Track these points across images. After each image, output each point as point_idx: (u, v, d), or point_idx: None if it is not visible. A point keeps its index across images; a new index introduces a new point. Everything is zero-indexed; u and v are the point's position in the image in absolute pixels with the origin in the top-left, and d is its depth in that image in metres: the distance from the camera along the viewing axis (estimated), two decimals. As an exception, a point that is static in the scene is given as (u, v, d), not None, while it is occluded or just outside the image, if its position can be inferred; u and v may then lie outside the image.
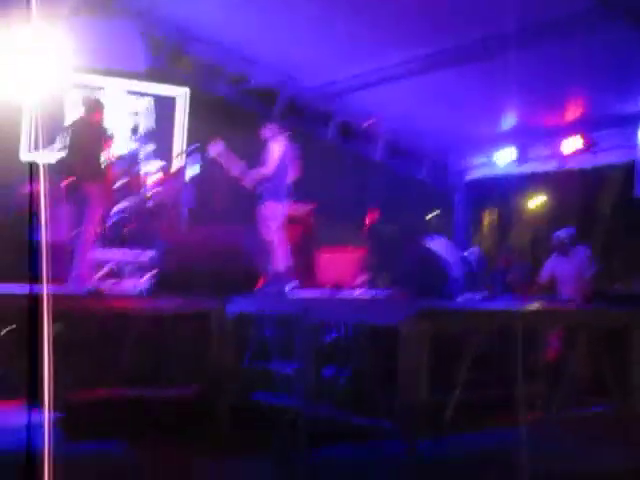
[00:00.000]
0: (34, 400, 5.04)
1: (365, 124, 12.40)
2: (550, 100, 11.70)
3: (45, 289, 5.42)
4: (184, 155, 9.87)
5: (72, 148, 8.45)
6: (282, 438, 6.03)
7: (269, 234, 8.44)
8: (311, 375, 6.00)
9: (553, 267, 10.90)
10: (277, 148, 8.64)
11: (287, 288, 8.43)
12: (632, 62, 10.01)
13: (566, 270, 10.76)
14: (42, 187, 8.24)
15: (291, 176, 8.89)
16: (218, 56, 12.49)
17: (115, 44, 11.22)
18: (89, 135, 8.41)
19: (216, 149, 8.85)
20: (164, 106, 12.40)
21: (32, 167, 8.00)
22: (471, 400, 5.88)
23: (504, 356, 5.95)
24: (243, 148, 9.26)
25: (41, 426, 6.44)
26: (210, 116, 12.77)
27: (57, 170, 9.15)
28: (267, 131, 8.76)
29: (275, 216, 8.57)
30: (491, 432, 5.89)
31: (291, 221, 10.57)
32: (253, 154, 8.78)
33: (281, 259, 8.54)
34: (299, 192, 9.92)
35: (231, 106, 12.84)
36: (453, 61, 10.95)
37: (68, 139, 8.66)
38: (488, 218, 19.75)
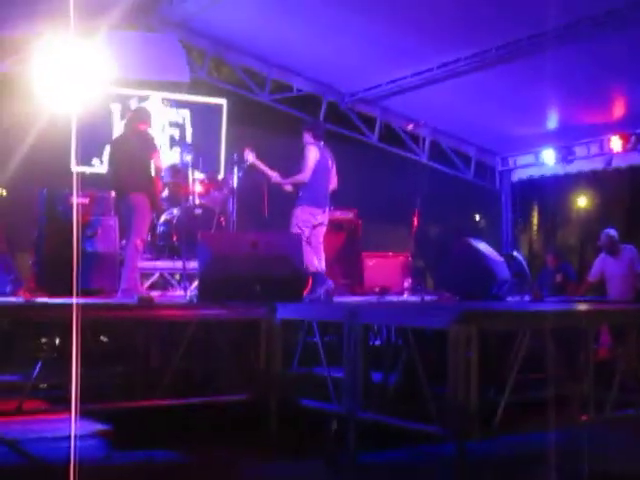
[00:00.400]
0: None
1: (409, 126, 12.38)
2: (596, 98, 11.60)
3: (74, 300, 5.53)
4: (228, 163, 9.95)
5: (119, 159, 8.55)
6: (331, 442, 6.05)
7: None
8: (359, 379, 6.01)
9: (602, 266, 10.82)
10: (312, 155, 8.69)
11: (324, 290, 8.48)
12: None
13: (615, 269, 10.68)
14: (75, 199, 8.41)
15: (333, 183, 8.95)
16: (259, 65, 12.58)
17: (157, 55, 11.35)
18: (136, 145, 8.49)
19: (249, 158, 8.97)
20: (207, 115, 12.50)
21: (79, 179, 8.12)
22: (522, 401, 5.85)
23: (554, 356, 5.91)
24: (287, 155, 9.31)
25: (89, 436, 6.57)
26: (253, 124, 12.87)
27: (105, 181, 9.32)
28: (304, 138, 8.83)
29: (306, 221, 8.62)
30: (542, 433, 5.84)
31: (336, 226, 10.62)
32: (297, 161, 8.84)
33: (314, 262, 8.61)
34: (344, 196, 9.94)
35: (274, 113, 12.93)
36: (496, 61, 10.92)
37: (115, 150, 8.78)
38: (535, 218, 19.63)
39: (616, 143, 12.40)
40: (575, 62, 10.39)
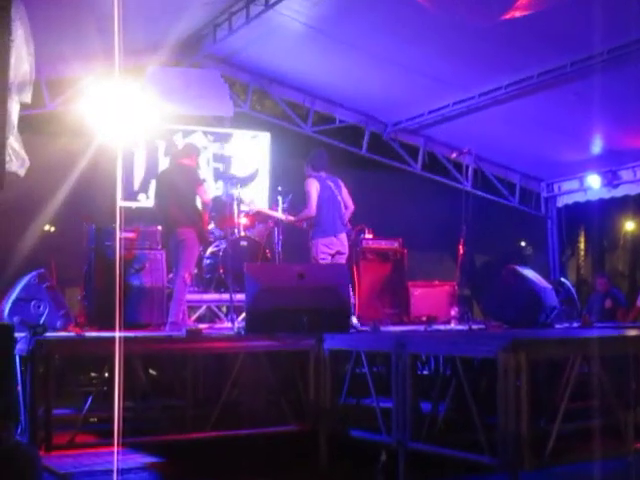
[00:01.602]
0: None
1: (453, 155, 12.37)
2: (639, 121, 11.51)
3: (117, 334, 5.59)
4: (273, 195, 10.06)
5: (165, 193, 8.65)
6: (381, 473, 6.02)
7: None
8: (408, 409, 5.98)
9: (651, 291, 10.74)
10: (313, 187, 8.83)
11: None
12: None
13: (665, 294, 10.58)
14: (118, 233, 8.53)
15: (348, 206, 9.04)
16: (302, 97, 12.67)
17: (201, 91, 11.48)
18: (180, 179, 8.58)
19: (251, 208, 9.19)
20: (252, 148, 12.61)
21: (122, 213, 8.20)
22: (574, 430, 5.78)
23: (606, 384, 5.83)
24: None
25: (140, 468, 6.61)
26: (297, 156, 12.95)
27: (152, 215, 9.42)
28: (305, 171, 8.98)
29: (322, 252, 8.77)
30: (596, 462, 5.76)
31: (382, 256, 10.62)
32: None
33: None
34: (389, 226, 9.95)
35: (317, 145, 12.98)
36: (539, 88, 10.88)
37: (161, 184, 8.89)
38: (583, 243, 19.45)
39: (661, 167, 12.28)
40: (619, 86, 10.33)
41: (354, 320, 8.61)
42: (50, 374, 5.99)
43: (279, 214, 9.15)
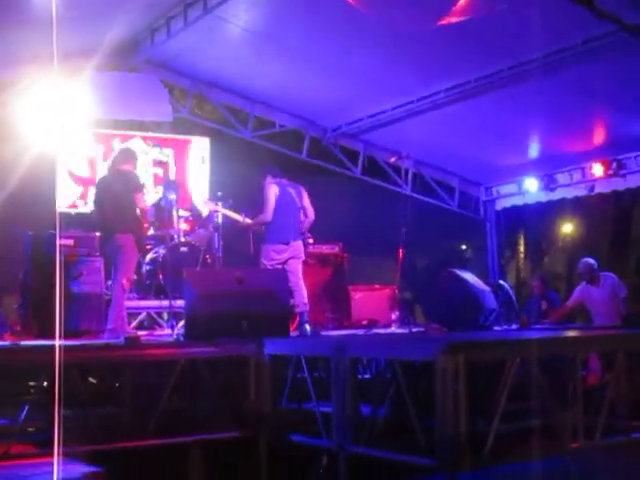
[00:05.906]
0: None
1: (392, 159, 12.43)
2: (576, 126, 11.69)
3: (57, 341, 5.51)
4: (212, 201, 10.00)
5: (104, 199, 8.56)
6: (322, 477, 6.02)
7: None
8: (348, 413, 5.99)
9: (582, 294, 10.94)
10: (271, 193, 8.81)
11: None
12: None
13: (597, 297, 10.77)
14: (57, 239, 8.40)
15: (308, 215, 9.03)
16: (241, 102, 12.62)
17: (139, 96, 11.38)
18: (120, 186, 8.50)
19: (209, 207, 9.15)
20: (191, 153, 12.55)
21: (61, 220, 8.11)
22: (512, 430, 5.84)
23: (543, 384, 5.91)
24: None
25: (79, 479, 6.50)
26: (237, 160, 12.91)
27: (90, 221, 9.31)
28: (265, 180, 8.97)
29: (271, 258, 8.76)
30: (533, 462, 5.82)
31: (322, 260, 10.64)
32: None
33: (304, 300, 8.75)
34: (329, 230, 9.97)
35: (257, 150, 12.97)
36: (477, 92, 10.98)
37: (100, 191, 8.79)
38: (522, 246, 19.73)
39: (598, 170, 12.47)
40: (554, 91, 10.47)
41: (307, 327, 8.62)
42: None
43: (237, 216, 9.11)
